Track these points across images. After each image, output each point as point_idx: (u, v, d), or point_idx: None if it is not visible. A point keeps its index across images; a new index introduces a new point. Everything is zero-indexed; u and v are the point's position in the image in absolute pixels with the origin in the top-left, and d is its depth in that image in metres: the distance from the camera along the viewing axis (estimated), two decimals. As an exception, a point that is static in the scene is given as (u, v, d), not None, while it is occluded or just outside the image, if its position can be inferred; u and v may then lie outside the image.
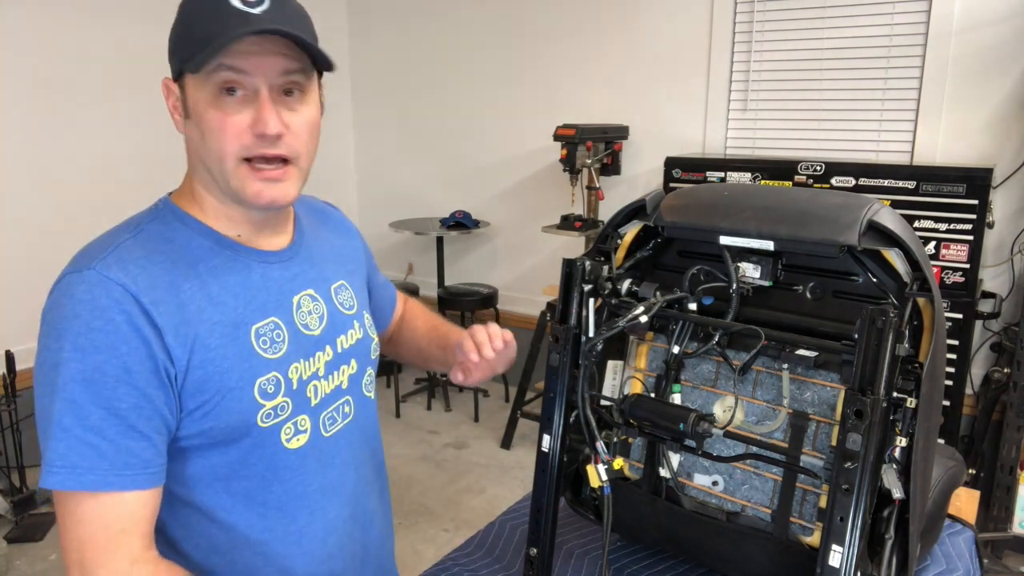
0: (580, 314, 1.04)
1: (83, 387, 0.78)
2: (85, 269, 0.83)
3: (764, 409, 1.00)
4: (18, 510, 2.98)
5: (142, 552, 0.81)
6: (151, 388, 0.81)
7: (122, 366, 0.79)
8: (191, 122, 0.87)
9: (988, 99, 2.96)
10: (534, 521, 1.06)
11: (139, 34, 3.65)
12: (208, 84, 0.83)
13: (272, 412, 0.89)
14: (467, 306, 4.01)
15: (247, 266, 0.92)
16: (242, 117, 0.83)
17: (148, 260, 0.85)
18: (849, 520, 0.82)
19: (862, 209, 0.92)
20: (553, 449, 1.05)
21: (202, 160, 0.88)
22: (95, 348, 0.78)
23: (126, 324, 0.79)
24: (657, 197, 1.09)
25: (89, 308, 0.79)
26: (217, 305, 0.87)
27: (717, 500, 1.03)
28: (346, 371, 1.01)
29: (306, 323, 0.95)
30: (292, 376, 0.91)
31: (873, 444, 0.81)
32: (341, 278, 1.05)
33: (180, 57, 0.84)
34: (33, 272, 3.40)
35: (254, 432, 0.88)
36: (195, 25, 0.82)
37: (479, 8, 4.15)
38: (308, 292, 0.97)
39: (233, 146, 0.84)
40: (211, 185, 0.90)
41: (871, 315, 0.82)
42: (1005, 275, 3.00)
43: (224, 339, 0.86)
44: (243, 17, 0.80)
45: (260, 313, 0.90)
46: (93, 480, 0.78)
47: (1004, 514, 2.66)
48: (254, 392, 0.87)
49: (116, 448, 0.79)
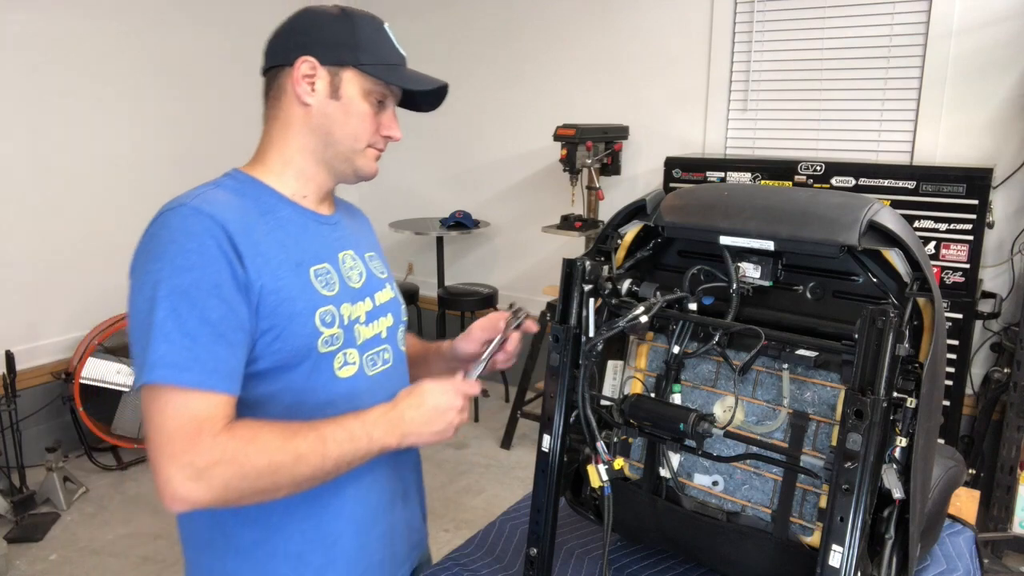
0: (580, 314, 1.04)
1: (181, 299, 0.91)
2: (179, 206, 0.97)
3: (764, 409, 1.00)
4: (18, 510, 2.98)
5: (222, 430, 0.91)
6: (236, 303, 0.94)
7: (213, 282, 0.92)
8: (338, 104, 1.06)
9: (988, 99, 2.96)
10: (534, 521, 1.06)
11: (140, 35, 3.66)
12: (370, 87, 1.07)
13: (329, 340, 1.03)
14: (467, 306, 4.01)
15: (305, 221, 1.08)
16: (380, 118, 1.10)
17: (228, 204, 1.00)
18: (849, 520, 0.82)
19: (862, 209, 0.92)
20: (553, 449, 1.05)
21: (331, 133, 1.07)
22: (190, 266, 0.92)
23: (215, 247, 0.93)
24: (657, 197, 1.09)
25: (184, 234, 0.94)
26: (282, 246, 1.02)
27: (717, 500, 1.03)
28: (384, 322, 1.15)
29: (349, 276, 1.11)
30: (344, 313, 1.06)
31: (873, 444, 0.81)
32: (372, 251, 1.21)
33: (357, 58, 1.05)
34: (33, 273, 3.40)
35: (314, 356, 1.01)
36: (373, 42, 1.07)
37: (479, 8, 4.15)
38: (349, 252, 1.14)
39: (371, 136, 1.09)
40: (317, 154, 1.09)
41: (871, 315, 0.82)
42: (1005, 275, 3.00)
43: (289, 273, 1.00)
44: (403, 58, 1.11)
45: (316, 258, 1.06)
46: (189, 378, 0.90)
47: (1004, 514, 2.66)
48: (315, 319, 1.01)
49: (208, 353, 0.91)
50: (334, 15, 1.08)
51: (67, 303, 3.53)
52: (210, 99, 4.01)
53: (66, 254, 3.50)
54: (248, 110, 4.54)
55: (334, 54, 1.05)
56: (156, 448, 0.89)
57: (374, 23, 1.10)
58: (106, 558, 2.78)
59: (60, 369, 3.41)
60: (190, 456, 0.88)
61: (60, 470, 3.10)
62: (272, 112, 1.10)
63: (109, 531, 2.96)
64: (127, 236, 4.24)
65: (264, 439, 0.92)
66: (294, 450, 0.92)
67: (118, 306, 3.64)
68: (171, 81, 3.83)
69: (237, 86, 4.14)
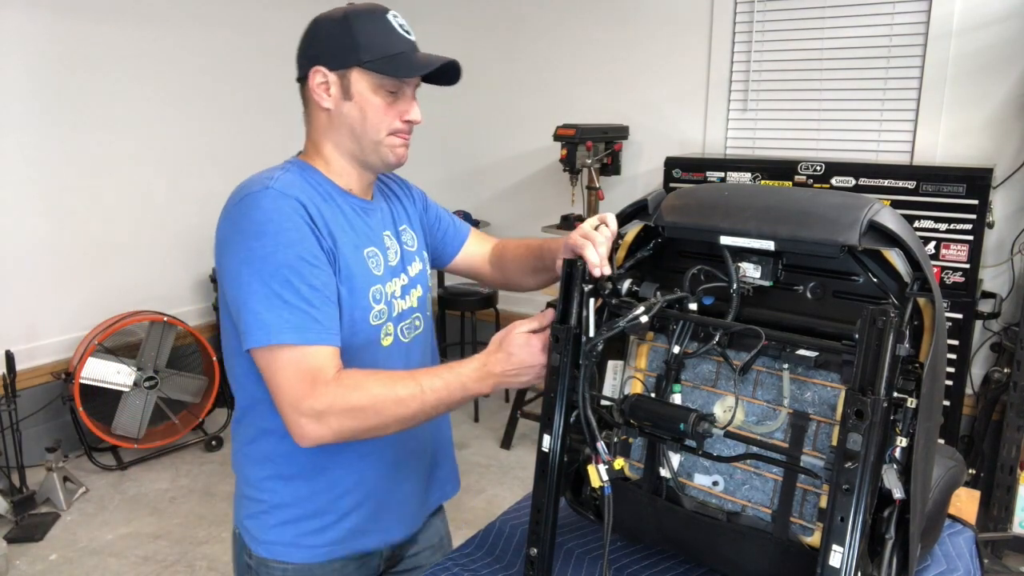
0: (580, 314, 1.04)
1: (290, 271, 1.06)
2: (264, 189, 1.10)
3: (764, 409, 1.00)
4: (18, 510, 2.98)
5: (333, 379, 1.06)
6: (329, 271, 1.11)
7: (312, 254, 1.08)
8: (352, 103, 1.16)
9: (988, 99, 2.96)
10: (534, 521, 1.06)
11: (141, 35, 3.66)
12: (378, 81, 1.15)
13: (377, 315, 1.19)
14: (467, 306, 4.01)
15: (354, 208, 1.22)
16: (398, 106, 1.18)
17: (300, 188, 1.13)
18: (849, 520, 0.82)
19: (862, 209, 0.92)
20: (553, 449, 1.05)
21: (354, 132, 1.18)
22: (291, 242, 1.07)
23: (306, 226, 1.09)
24: (658, 197, 1.08)
25: (279, 214, 1.08)
26: (342, 230, 1.16)
27: (717, 500, 1.03)
28: (415, 293, 1.30)
29: (388, 255, 1.25)
30: (388, 291, 1.22)
31: (873, 444, 0.81)
32: (404, 223, 1.34)
33: (358, 58, 1.13)
34: (33, 273, 3.40)
35: (367, 329, 1.18)
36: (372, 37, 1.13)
37: (479, 8, 4.15)
38: (387, 233, 1.27)
39: (387, 127, 1.18)
40: (350, 150, 1.20)
41: (871, 315, 0.82)
42: (1005, 275, 3.00)
43: (349, 255, 1.15)
44: (411, 44, 1.17)
45: (367, 241, 1.21)
46: (307, 337, 1.05)
47: (1004, 514, 2.66)
48: (368, 297, 1.18)
49: (320, 313, 1.07)
50: (335, 20, 1.16)
51: (67, 303, 3.53)
52: (213, 101, 4.01)
53: (66, 254, 3.50)
54: (251, 112, 4.56)
55: (339, 59, 1.14)
56: (282, 398, 1.05)
57: (374, 16, 1.15)
58: (106, 558, 2.78)
59: (60, 369, 3.41)
60: (310, 402, 1.03)
61: (60, 470, 3.11)
62: (307, 119, 1.23)
63: (109, 531, 2.96)
64: (127, 237, 4.26)
65: (369, 385, 1.06)
66: (395, 395, 1.06)
67: (118, 306, 3.64)
68: (172, 82, 3.83)
69: (242, 87, 4.14)
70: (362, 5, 1.18)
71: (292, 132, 4.72)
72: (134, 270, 3.77)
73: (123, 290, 3.72)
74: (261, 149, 4.27)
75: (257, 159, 4.86)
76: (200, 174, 4.01)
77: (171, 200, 3.91)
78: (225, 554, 2.81)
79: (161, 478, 3.39)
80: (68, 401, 3.29)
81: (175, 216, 3.93)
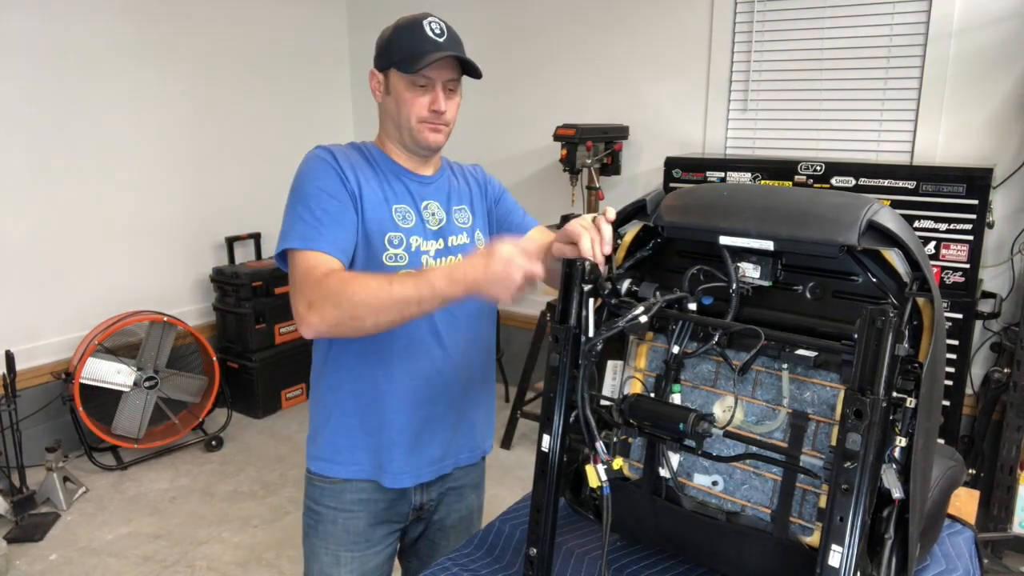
0: (580, 314, 1.04)
1: (310, 198, 1.34)
2: (313, 150, 1.41)
3: (764, 409, 1.00)
4: (18, 510, 2.98)
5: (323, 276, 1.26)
6: (346, 203, 1.35)
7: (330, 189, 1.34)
8: (391, 98, 1.41)
9: (988, 99, 2.96)
10: (534, 521, 1.06)
11: (141, 35, 3.66)
12: (409, 79, 1.37)
13: (392, 257, 1.38)
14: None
15: (399, 176, 1.46)
16: (425, 99, 1.39)
17: (346, 151, 1.43)
18: (849, 520, 0.82)
19: (862, 209, 0.92)
20: (553, 449, 1.05)
21: (394, 120, 1.43)
22: (315, 178, 1.35)
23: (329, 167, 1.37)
24: (657, 197, 1.09)
25: (313, 163, 1.38)
26: (379, 186, 1.42)
27: (717, 500, 1.03)
28: (453, 260, 1.45)
29: (428, 219, 1.45)
30: (412, 243, 1.41)
31: (873, 444, 0.81)
32: (463, 203, 1.53)
33: (392, 60, 1.38)
34: (33, 273, 3.40)
35: (380, 266, 1.36)
36: (404, 42, 1.37)
37: (478, 7, 4.15)
38: (435, 202, 1.48)
39: (417, 115, 1.40)
40: (395, 135, 1.45)
41: (871, 315, 0.82)
42: (1005, 275, 3.00)
43: (378, 202, 1.40)
44: (435, 44, 1.37)
45: (400, 199, 1.43)
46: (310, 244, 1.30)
47: (1004, 514, 2.66)
48: (384, 239, 1.38)
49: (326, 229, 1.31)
50: (389, 29, 1.41)
51: (67, 303, 3.53)
52: (213, 100, 4.01)
53: (65, 254, 3.50)
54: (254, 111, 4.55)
55: (381, 61, 1.41)
56: (292, 292, 1.29)
57: (413, 24, 1.38)
58: (106, 558, 2.78)
59: (60, 369, 3.41)
60: (307, 292, 1.25)
61: (60, 470, 3.11)
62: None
63: (109, 531, 2.96)
64: (127, 237, 4.25)
65: (349, 279, 1.25)
66: (365, 286, 1.22)
67: (118, 306, 3.65)
68: (173, 82, 3.83)
69: (244, 87, 4.14)
70: (412, 15, 1.40)
71: (294, 132, 4.73)
72: (134, 270, 3.78)
73: (123, 290, 3.72)
74: (263, 149, 4.28)
75: (259, 159, 4.88)
76: (201, 174, 4.02)
77: (171, 200, 3.91)
78: (225, 554, 2.81)
79: (161, 478, 3.39)
80: (68, 401, 3.29)
81: (175, 216, 3.94)
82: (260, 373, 3.96)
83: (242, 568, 2.74)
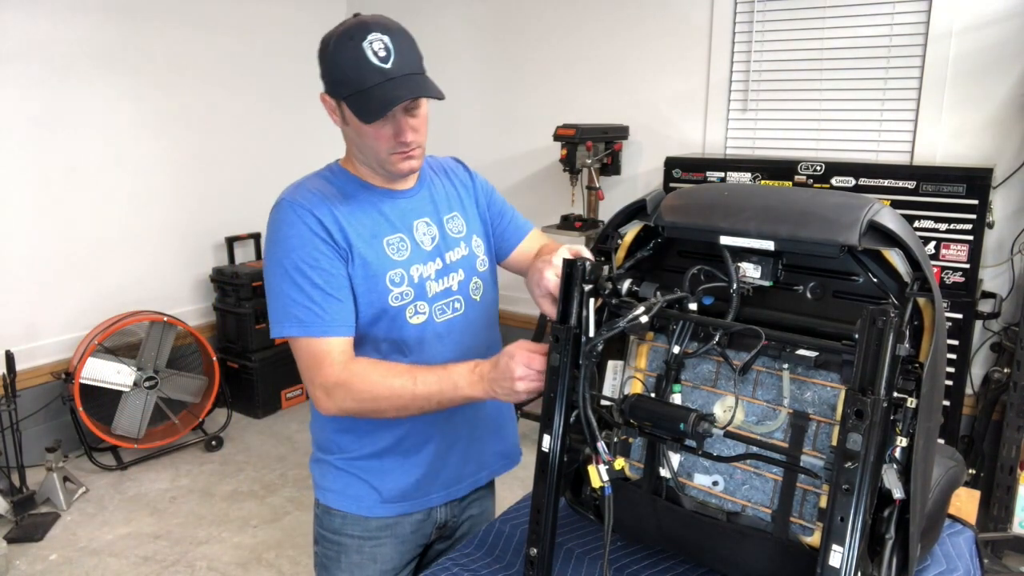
0: (580, 314, 1.04)
1: (295, 272, 1.22)
2: (280, 201, 1.28)
3: (764, 409, 1.00)
4: (18, 510, 2.98)
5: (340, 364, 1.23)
6: (334, 267, 1.24)
7: (314, 257, 1.23)
8: (350, 128, 1.27)
9: (988, 99, 2.96)
10: (534, 521, 1.06)
11: (141, 36, 3.65)
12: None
13: (399, 296, 1.29)
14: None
15: (381, 199, 1.33)
16: (387, 130, 1.24)
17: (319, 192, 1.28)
18: (849, 520, 0.82)
19: (862, 209, 0.92)
20: (553, 449, 1.05)
21: (358, 147, 1.30)
22: (293, 248, 1.23)
23: (308, 231, 1.23)
24: (657, 197, 1.09)
25: (287, 224, 1.24)
26: (361, 223, 1.28)
27: (717, 500, 1.03)
28: (455, 277, 1.38)
29: (422, 241, 1.35)
30: (413, 273, 1.31)
31: (873, 444, 0.81)
32: (454, 210, 1.42)
33: (340, 94, 1.22)
34: (33, 273, 3.40)
35: (390, 311, 1.29)
36: (349, 70, 1.19)
37: (478, 7, 4.15)
38: (424, 219, 1.36)
39: (384, 148, 1.26)
40: (362, 159, 1.32)
41: (871, 315, 0.82)
42: (1005, 275, 3.00)
43: (366, 245, 1.27)
44: (382, 73, 1.18)
45: (389, 229, 1.31)
46: (309, 330, 1.23)
47: (1004, 514, 2.66)
48: (386, 280, 1.28)
49: (320, 309, 1.23)
50: (323, 49, 1.23)
51: (67, 303, 3.53)
52: (212, 101, 4.01)
53: (65, 254, 3.50)
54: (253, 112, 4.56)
55: (331, 89, 1.25)
56: (302, 375, 1.27)
57: (351, 45, 1.18)
58: (106, 558, 2.78)
59: (60, 369, 3.41)
60: (320, 379, 1.22)
61: (60, 470, 3.11)
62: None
63: (109, 531, 2.96)
64: (127, 237, 4.26)
65: (368, 374, 1.22)
66: (389, 386, 1.20)
67: (118, 306, 3.65)
68: (173, 82, 3.83)
69: (241, 88, 4.14)
70: (344, 29, 1.20)
71: (296, 131, 4.72)
72: (134, 270, 3.77)
73: (123, 290, 3.72)
74: (263, 149, 4.28)
75: (259, 159, 4.88)
76: (201, 174, 4.01)
77: (172, 200, 3.91)
78: (225, 554, 2.81)
79: (161, 478, 3.39)
80: (68, 401, 3.29)
81: (175, 216, 3.93)
82: (260, 373, 3.96)
83: (242, 568, 2.74)
